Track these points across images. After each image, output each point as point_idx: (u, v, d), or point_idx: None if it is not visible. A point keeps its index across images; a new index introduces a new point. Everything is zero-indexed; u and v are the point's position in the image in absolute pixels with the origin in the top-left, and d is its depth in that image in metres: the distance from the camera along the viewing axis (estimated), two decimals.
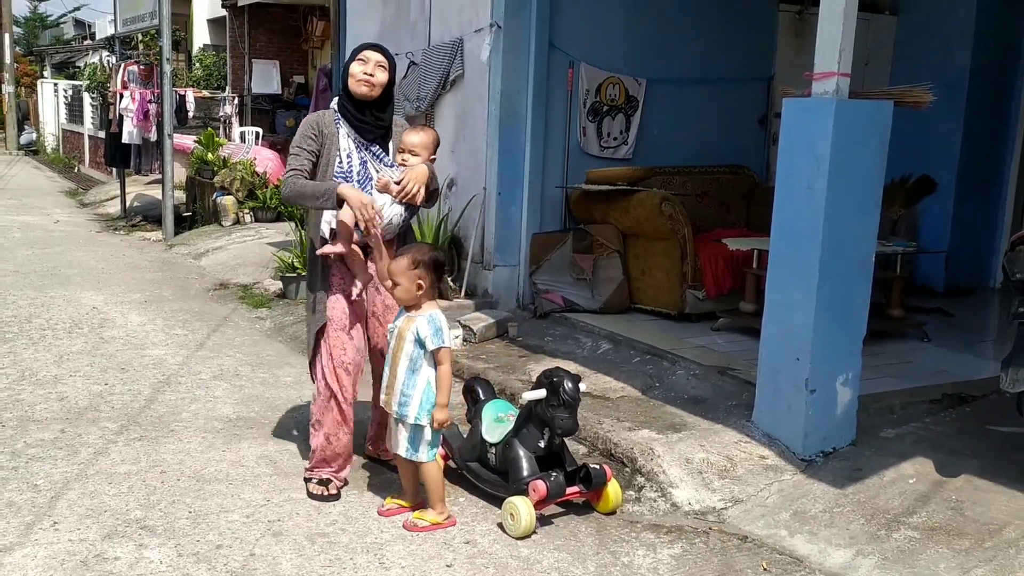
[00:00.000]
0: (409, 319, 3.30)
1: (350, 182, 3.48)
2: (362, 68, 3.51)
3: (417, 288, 3.26)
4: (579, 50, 6.30)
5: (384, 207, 3.47)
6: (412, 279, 3.25)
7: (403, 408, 3.29)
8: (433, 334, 3.24)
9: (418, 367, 3.27)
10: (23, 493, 3.47)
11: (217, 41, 17.96)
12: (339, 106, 3.59)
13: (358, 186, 3.48)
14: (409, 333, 3.27)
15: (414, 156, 3.54)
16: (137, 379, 4.98)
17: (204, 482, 3.65)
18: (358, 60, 3.53)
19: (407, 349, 3.27)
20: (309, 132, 3.54)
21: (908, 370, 4.84)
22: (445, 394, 3.28)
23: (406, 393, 3.28)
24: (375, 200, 3.43)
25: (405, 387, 3.28)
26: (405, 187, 3.45)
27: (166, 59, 10.15)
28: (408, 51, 7.24)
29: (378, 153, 3.59)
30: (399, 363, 3.29)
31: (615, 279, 6.10)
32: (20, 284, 7.37)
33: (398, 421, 3.33)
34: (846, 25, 3.66)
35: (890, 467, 3.68)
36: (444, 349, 3.26)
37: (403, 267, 3.25)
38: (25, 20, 38.08)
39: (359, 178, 3.51)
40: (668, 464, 3.72)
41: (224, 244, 9.42)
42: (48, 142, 24.65)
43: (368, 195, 3.43)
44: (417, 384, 3.27)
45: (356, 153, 3.55)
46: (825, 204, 3.66)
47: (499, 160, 6.18)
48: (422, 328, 3.24)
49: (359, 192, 3.39)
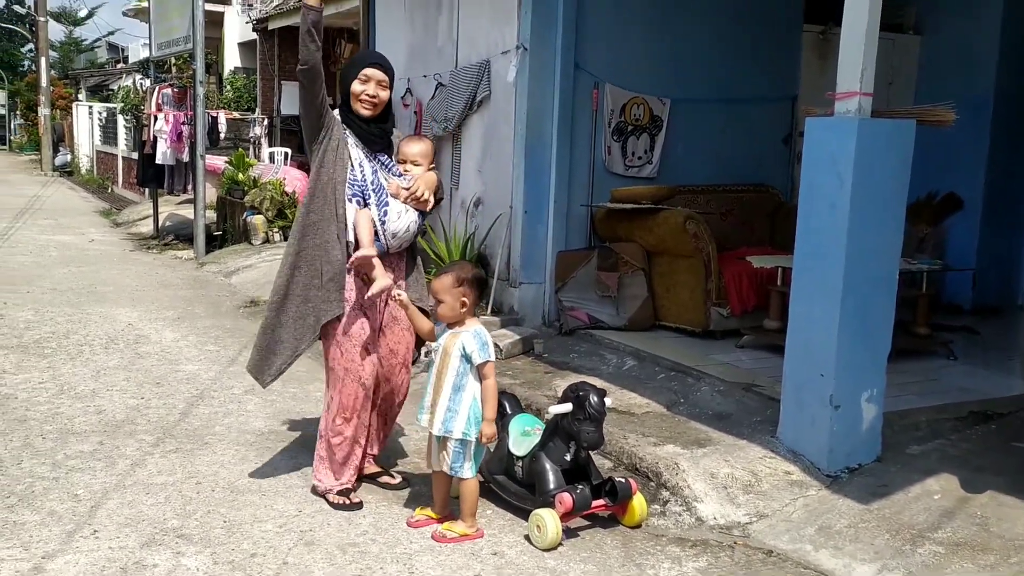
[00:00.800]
0: (453, 335, 3.36)
1: (364, 191, 3.56)
2: (364, 88, 3.56)
3: (461, 305, 3.34)
4: (604, 71, 6.39)
5: (400, 215, 3.57)
6: (456, 296, 3.33)
7: (448, 424, 3.33)
8: (479, 348, 3.31)
9: (464, 383, 3.33)
10: (64, 502, 3.58)
11: (248, 64, 18.29)
12: (343, 116, 3.64)
13: (372, 195, 3.55)
14: (455, 349, 3.33)
15: (416, 166, 3.67)
16: (172, 393, 5.10)
17: (238, 493, 3.74)
18: (359, 79, 3.56)
19: (453, 365, 3.33)
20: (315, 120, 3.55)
21: (934, 387, 4.85)
22: (492, 408, 3.34)
23: (452, 409, 3.32)
24: (390, 207, 3.54)
25: (452, 403, 3.33)
26: (416, 191, 3.55)
27: (199, 82, 10.38)
28: (436, 73, 7.38)
29: (386, 163, 3.67)
30: (444, 380, 3.34)
31: (640, 296, 6.15)
32: (58, 301, 7.55)
33: (443, 438, 3.37)
34: (868, 45, 3.71)
35: (915, 483, 3.70)
36: (490, 363, 3.33)
37: (447, 285, 3.33)
38: (61, 44, 38.98)
39: (372, 187, 3.58)
40: (693, 479, 3.76)
41: (254, 262, 9.58)
42: (82, 163, 25.14)
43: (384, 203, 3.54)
44: (463, 400, 3.33)
45: (368, 163, 3.61)
46: (848, 222, 3.70)
47: (525, 179, 6.28)
48: (468, 343, 3.31)
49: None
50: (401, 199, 3.61)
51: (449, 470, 3.39)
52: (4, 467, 3.91)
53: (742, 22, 6.81)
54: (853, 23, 3.74)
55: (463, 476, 3.38)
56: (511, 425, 3.74)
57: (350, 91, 3.59)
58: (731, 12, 6.76)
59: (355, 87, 3.57)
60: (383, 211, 3.57)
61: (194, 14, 10.20)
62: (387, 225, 3.58)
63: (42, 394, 4.98)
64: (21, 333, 6.38)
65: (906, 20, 7.45)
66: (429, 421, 3.39)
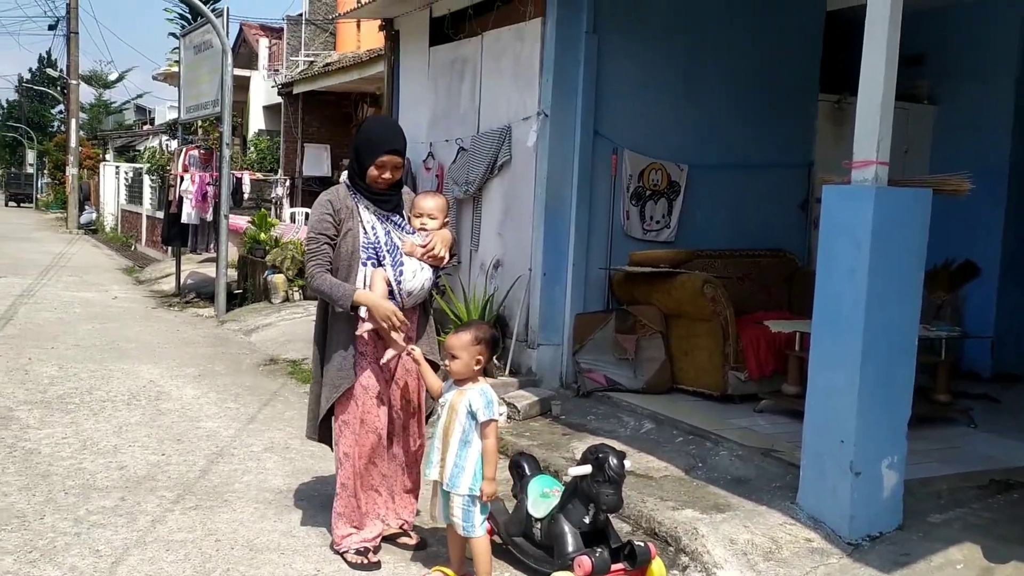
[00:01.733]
0: (460, 392, 3.41)
1: (378, 252, 3.62)
2: (380, 174, 3.61)
3: (476, 363, 3.39)
4: (623, 137, 6.53)
5: (416, 273, 3.64)
6: (473, 354, 3.38)
7: (455, 480, 3.37)
8: (485, 406, 3.35)
9: (470, 439, 3.37)
10: (85, 558, 3.60)
11: (272, 126, 18.73)
12: (352, 183, 3.70)
13: (387, 256, 3.61)
14: (461, 406, 3.38)
15: (432, 220, 3.73)
16: (192, 450, 5.13)
17: (257, 551, 3.75)
18: (376, 165, 3.59)
19: (460, 421, 3.38)
20: (325, 216, 3.63)
21: (955, 455, 4.81)
22: (492, 467, 3.36)
23: (459, 465, 3.37)
24: (406, 267, 3.60)
25: (458, 459, 3.37)
26: (432, 249, 3.63)
27: (226, 144, 10.63)
28: (458, 137, 7.55)
29: (399, 223, 3.73)
30: (451, 436, 3.39)
31: (657, 359, 6.17)
32: (81, 357, 7.65)
33: (450, 493, 3.40)
34: (884, 115, 3.79)
35: (938, 552, 3.66)
36: (493, 423, 3.36)
37: (466, 342, 3.39)
38: (90, 106, 39.98)
39: (387, 248, 3.64)
40: (712, 544, 3.73)
41: (274, 321, 9.67)
42: (107, 221, 25.59)
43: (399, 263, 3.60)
44: (469, 456, 3.36)
45: (380, 225, 3.68)
46: (866, 288, 3.73)
47: (544, 242, 6.37)
48: (475, 401, 3.36)
49: (379, 300, 3.51)
50: (417, 256, 3.68)
51: (461, 530, 3.40)
52: (27, 522, 3.95)
53: (759, 90, 6.95)
54: (869, 93, 3.83)
55: (474, 535, 3.39)
56: (530, 486, 3.75)
57: (366, 171, 3.64)
58: (748, 80, 6.91)
59: (372, 172, 3.62)
60: (398, 271, 3.64)
61: (223, 80, 10.51)
62: (403, 284, 3.65)
63: (65, 449, 5.03)
64: (45, 388, 6.46)
65: (920, 90, 7.59)
66: (439, 474, 3.42)
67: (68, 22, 27.88)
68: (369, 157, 3.61)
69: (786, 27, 7.06)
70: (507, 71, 6.93)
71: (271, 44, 18.92)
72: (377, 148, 3.61)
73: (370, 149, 3.62)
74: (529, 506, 3.67)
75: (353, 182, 3.71)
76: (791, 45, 7.10)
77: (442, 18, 7.86)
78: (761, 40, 6.95)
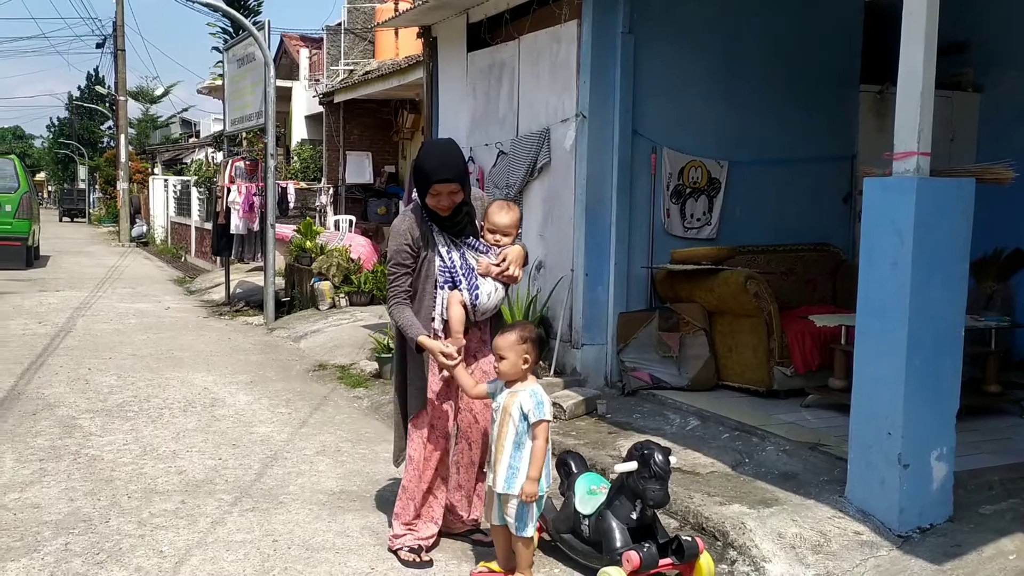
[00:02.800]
0: (512, 395, 3.46)
1: (454, 275, 3.69)
2: (437, 201, 3.64)
3: (523, 363, 3.45)
4: (661, 136, 6.55)
5: (491, 295, 3.71)
6: (519, 354, 3.43)
7: (510, 482, 3.41)
8: (535, 407, 3.40)
9: (523, 441, 3.41)
10: (150, 559, 3.74)
11: (314, 135, 18.98)
12: (423, 206, 3.72)
13: (463, 280, 3.68)
14: (514, 409, 3.42)
15: (506, 236, 3.77)
16: (247, 454, 5.28)
17: (313, 551, 3.86)
18: (431, 194, 3.62)
19: (513, 423, 3.42)
20: (404, 245, 3.69)
21: (1006, 446, 4.76)
22: (537, 468, 3.40)
23: (513, 467, 3.41)
24: (481, 289, 3.68)
25: (512, 460, 3.42)
26: (507, 269, 3.69)
27: (270, 155, 10.84)
28: (497, 141, 7.62)
29: (472, 243, 3.77)
30: (505, 438, 3.44)
31: (702, 356, 6.18)
32: (138, 367, 7.88)
33: (504, 495, 3.45)
34: (924, 106, 3.77)
35: (989, 543, 3.63)
36: (543, 423, 3.40)
37: (512, 342, 3.44)
38: (138, 121, 40.88)
39: (462, 272, 3.70)
40: (760, 538, 3.75)
41: (321, 327, 9.85)
42: (157, 234, 26.16)
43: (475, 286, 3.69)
44: (523, 457, 3.41)
45: (455, 249, 3.74)
46: (911, 280, 3.72)
47: (586, 242, 6.41)
48: (526, 402, 3.41)
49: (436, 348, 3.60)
50: (492, 276, 3.72)
51: (514, 529, 3.45)
52: (93, 525, 4.11)
53: (798, 83, 6.92)
54: (909, 84, 3.81)
55: (526, 535, 3.45)
56: (577, 484, 3.80)
57: (425, 200, 3.67)
58: (787, 74, 6.88)
59: (429, 201, 3.65)
60: (474, 294, 3.70)
61: (266, 93, 10.72)
62: (479, 306, 3.72)
63: (126, 455, 5.21)
64: (105, 397, 6.67)
65: (964, 78, 7.48)
66: (492, 479, 3.48)
67: (115, 40, 28.56)
68: (423, 187, 3.65)
69: (824, 18, 7.02)
70: (544, 74, 6.99)
71: (311, 54, 19.17)
72: (429, 178, 3.62)
73: (423, 179, 3.64)
74: (577, 503, 3.73)
75: (423, 208, 3.74)
76: (830, 36, 7.06)
77: (479, 23, 7.95)
78: (799, 32, 6.91)
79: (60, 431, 5.68)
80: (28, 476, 4.79)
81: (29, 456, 5.14)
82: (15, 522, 4.12)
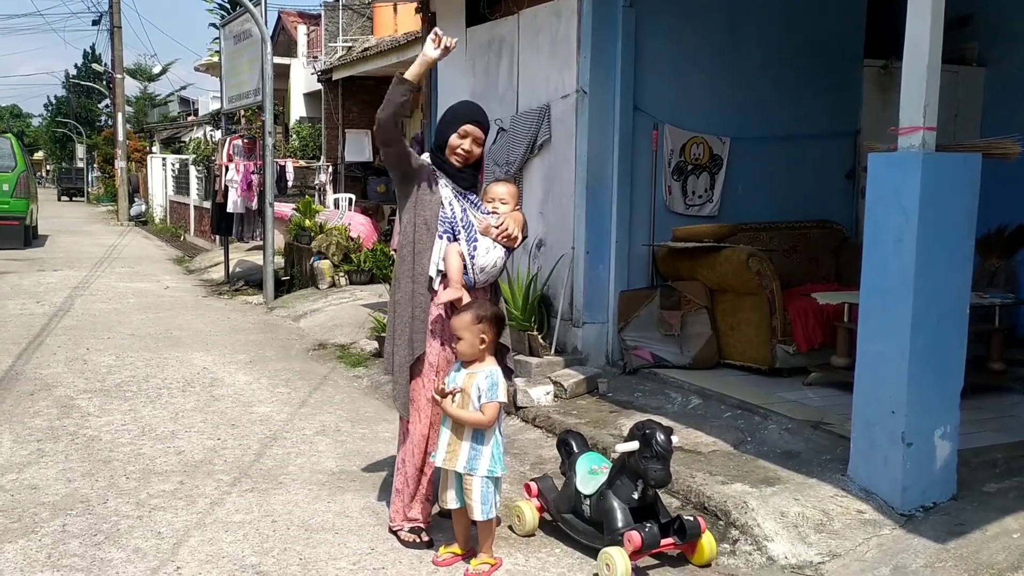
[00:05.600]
0: (470, 375, 3.43)
1: (454, 227, 3.68)
2: (461, 143, 3.69)
3: (480, 343, 3.41)
4: (663, 112, 6.47)
5: (489, 250, 3.68)
6: (476, 334, 3.41)
7: (473, 463, 3.39)
8: (488, 388, 3.37)
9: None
10: (148, 540, 3.72)
11: (312, 113, 18.87)
12: (434, 159, 3.78)
13: (462, 231, 3.68)
14: (473, 390, 3.40)
15: (503, 204, 3.81)
16: (246, 435, 5.25)
17: (312, 531, 3.84)
18: (459, 133, 3.69)
19: (473, 405, 3.39)
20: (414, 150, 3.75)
21: (1010, 424, 4.73)
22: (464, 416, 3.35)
23: (476, 447, 3.40)
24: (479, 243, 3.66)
25: (474, 441, 3.40)
26: (506, 228, 3.67)
27: (268, 133, 10.76)
28: (497, 118, 7.53)
29: (475, 201, 3.80)
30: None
31: (703, 335, 6.14)
32: (136, 346, 7.85)
33: (464, 476, 3.42)
34: (930, 80, 3.71)
35: (993, 521, 3.61)
36: (494, 404, 3.37)
37: (467, 322, 3.41)
38: (136, 99, 40.65)
39: (462, 224, 3.70)
40: (763, 517, 3.73)
41: (321, 306, 9.81)
42: (156, 213, 26.09)
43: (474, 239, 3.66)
44: (485, 437, 3.39)
45: (456, 202, 3.73)
46: (915, 257, 3.67)
47: (587, 220, 6.35)
48: (481, 383, 3.39)
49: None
50: (491, 236, 3.72)
51: (477, 514, 3.41)
52: (91, 506, 4.08)
53: (801, 58, 6.83)
54: (914, 58, 3.74)
55: (490, 517, 3.43)
56: (578, 464, 3.78)
57: (447, 141, 3.71)
58: (789, 48, 6.79)
59: (453, 139, 3.69)
60: (472, 247, 3.69)
61: (264, 69, 10.62)
62: (476, 260, 3.69)
63: (124, 436, 5.18)
64: (103, 377, 6.65)
65: (969, 52, 7.39)
66: (444, 460, 3.44)
67: (111, 17, 28.33)
68: (453, 125, 3.71)
69: None
70: (544, 49, 6.90)
71: (309, 31, 19.01)
72: (462, 118, 3.72)
73: (455, 119, 3.73)
74: (578, 483, 3.70)
75: (433, 157, 3.78)
76: (833, 10, 6.96)
77: None
78: (802, 7, 6.81)
79: (58, 411, 5.66)
80: (26, 457, 4.76)
81: (27, 437, 5.12)
82: (13, 503, 4.10)
